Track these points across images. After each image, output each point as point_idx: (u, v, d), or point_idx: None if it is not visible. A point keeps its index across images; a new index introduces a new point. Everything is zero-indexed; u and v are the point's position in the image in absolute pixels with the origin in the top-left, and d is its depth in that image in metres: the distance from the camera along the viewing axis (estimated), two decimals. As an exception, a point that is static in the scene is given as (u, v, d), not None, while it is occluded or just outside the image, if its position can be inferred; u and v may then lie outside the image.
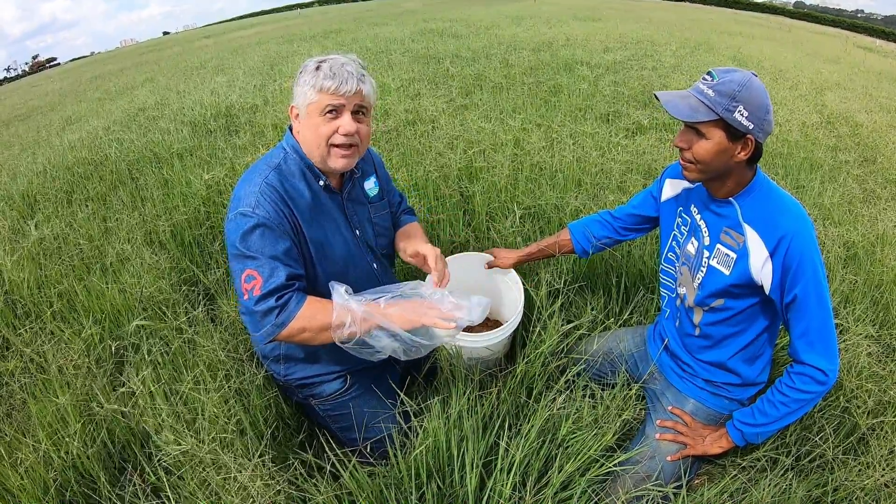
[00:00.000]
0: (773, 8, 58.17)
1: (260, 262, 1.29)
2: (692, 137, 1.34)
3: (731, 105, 1.25)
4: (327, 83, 1.34)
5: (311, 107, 1.38)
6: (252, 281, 1.28)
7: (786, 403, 1.37)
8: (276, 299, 1.27)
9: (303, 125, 1.42)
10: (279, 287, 1.28)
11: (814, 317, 1.30)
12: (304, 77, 1.38)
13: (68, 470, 1.42)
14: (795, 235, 1.27)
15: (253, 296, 1.27)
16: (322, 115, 1.37)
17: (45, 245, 2.72)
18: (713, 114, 1.27)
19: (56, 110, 9.50)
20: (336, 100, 1.36)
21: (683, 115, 1.29)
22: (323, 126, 1.38)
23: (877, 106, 7.17)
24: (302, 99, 1.39)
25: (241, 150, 4.05)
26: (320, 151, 1.41)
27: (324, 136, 1.39)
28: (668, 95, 1.34)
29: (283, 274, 1.30)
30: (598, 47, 8.84)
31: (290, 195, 1.39)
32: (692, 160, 1.36)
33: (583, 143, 3.88)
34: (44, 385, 1.69)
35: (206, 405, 1.40)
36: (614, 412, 1.59)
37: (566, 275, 2.18)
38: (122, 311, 2.05)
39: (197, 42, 20.94)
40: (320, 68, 1.36)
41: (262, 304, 1.27)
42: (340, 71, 1.35)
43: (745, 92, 1.24)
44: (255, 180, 1.36)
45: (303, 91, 1.38)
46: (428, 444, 1.37)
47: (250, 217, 1.30)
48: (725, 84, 1.26)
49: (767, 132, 1.29)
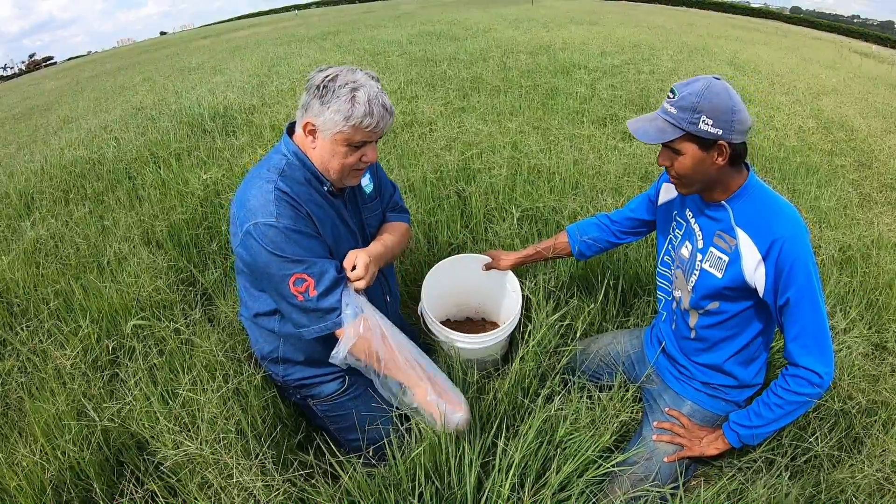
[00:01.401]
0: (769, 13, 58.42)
1: (305, 264, 1.31)
2: (671, 155, 1.36)
3: (693, 118, 1.26)
4: (366, 121, 1.30)
5: (339, 136, 1.34)
6: (303, 284, 1.31)
7: (781, 406, 1.38)
8: (340, 293, 1.34)
9: (321, 146, 1.38)
10: (336, 280, 1.34)
11: (807, 320, 1.31)
12: (336, 104, 1.30)
13: (65, 471, 1.42)
14: (788, 239, 1.27)
15: (311, 296, 1.31)
16: (348, 146, 1.36)
17: (42, 244, 2.71)
18: (679, 130, 1.29)
19: (53, 109, 9.49)
20: (369, 137, 1.35)
21: (653, 138, 1.32)
22: (349, 157, 1.37)
23: (873, 111, 7.22)
24: (330, 125, 1.32)
25: (238, 150, 4.05)
26: (339, 175, 1.41)
27: (348, 166, 1.39)
28: (636, 123, 1.37)
29: (333, 267, 1.34)
30: (596, 51, 8.87)
31: (301, 199, 1.37)
32: (676, 176, 1.39)
33: (580, 146, 3.89)
34: (41, 384, 1.69)
35: (205, 406, 1.40)
36: (612, 413, 1.60)
37: (563, 277, 2.19)
38: (119, 311, 2.04)
39: (194, 42, 20.93)
40: (356, 99, 1.29)
41: (326, 300, 1.33)
42: (377, 108, 1.31)
43: (705, 101, 1.25)
44: (266, 188, 1.32)
45: (332, 118, 1.31)
46: (426, 446, 1.37)
47: (276, 225, 1.28)
48: (685, 98, 1.27)
49: (742, 130, 1.29)
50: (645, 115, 1.38)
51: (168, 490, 1.39)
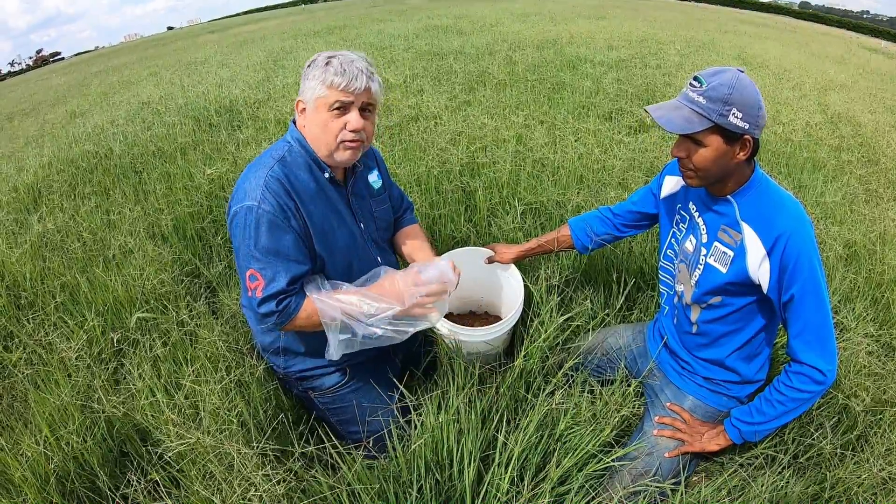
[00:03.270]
0: (778, 8, 57.89)
1: (263, 263, 1.33)
2: (690, 146, 1.32)
3: (723, 109, 1.23)
4: (337, 79, 1.34)
5: (320, 101, 1.37)
6: (255, 281, 1.33)
7: (783, 402, 1.37)
8: (276, 303, 1.33)
9: (309, 119, 1.42)
10: (280, 292, 1.34)
11: (811, 316, 1.30)
12: (313, 71, 1.37)
13: (69, 461, 1.43)
14: (793, 234, 1.26)
15: (256, 296, 1.33)
16: (330, 110, 1.37)
17: (49, 237, 2.73)
18: (708, 121, 1.25)
19: (61, 104, 9.53)
20: (345, 97, 1.36)
21: (679, 128, 1.27)
22: (331, 122, 1.38)
23: (881, 107, 7.15)
24: (310, 93, 1.38)
25: (243, 144, 4.06)
26: (327, 146, 1.41)
27: (332, 133, 1.39)
28: (659, 110, 1.32)
29: (285, 279, 1.34)
30: (603, 45, 8.82)
31: (295, 187, 1.39)
32: (692, 168, 1.34)
33: (585, 140, 3.87)
34: (46, 376, 1.70)
35: (208, 398, 1.41)
36: (613, 408, 1.59)
37: (566, 270, 2.19)
38: (124, 304, 2.06)
39: (201, 37, 20.95)
40: (330, 63, 1.35)
41: (264, 306, 1.34)
42: (350, 67, 1.35)
43: (736, 93, 1.23)
44: (260, 173, 1.36)
45: (311, 85, 1.37)
46: (426, 439, 1.38)
47: (256, 211, 1.31)
48: (715, 89, 1.24)
49: (762, 126, 1.28)
50: (667, 103, 1.34)
51: (171, 480, 1.40)
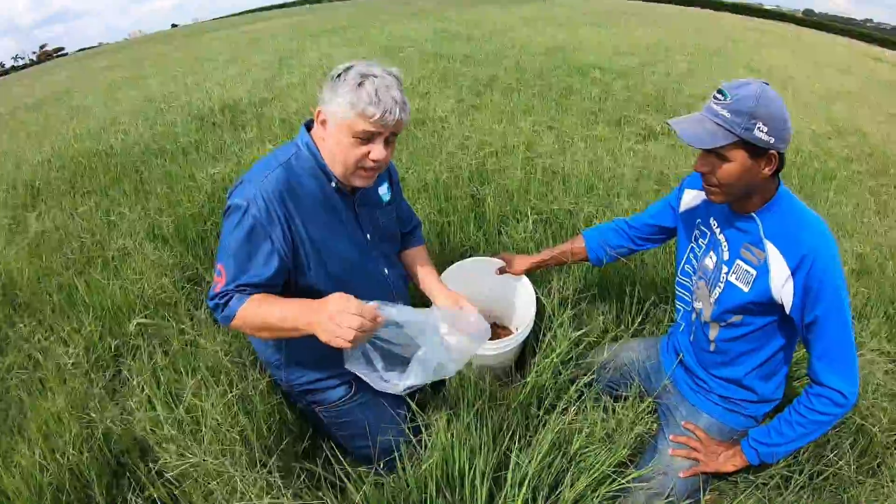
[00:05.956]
0: (782, 15, 57.94)
1: (232, 263, 1.28)
2: (714, 161, 1.28)
3: (749, 123, 1.19)
4: (370, 110, 1.24)
5: (344, 124, 1.28)
6: (219, 276, 1.29)
7: (803, 424, 1.33)
8: (220, 297, 1.28)
9: (329, 135, 1.33)
10: (229, 293, 1.28)
11: (834, 337, 1.26)
12: (343, 89, 1.25)
13: (64, 473, 1.38)
14: (819, 254, 1.22)
15: (213, 291, 1.29)
16: (354, 137, 1.29)
17: (47, 236, 2.68)
18: (732, 135, 1.21)
19: (63, 100, 9.49)
20: (375, 128, 1.28)
21: (702, 142, 1.23)
22: (353, 149, 1.30)
23: (889, 116, 7.14)
24: (336, 112, 1.28)
25: (247, 144, 4.01)
26: (344, 169, 1.34)
27: (352, 158, 1.31)
28: (682, 124, 1.28)
29: (234, 284, 1.28)
30: (611, 52, 8.81)
31: (295, 193, 1.33)
32: (717, 184, 1.30)
33: (594, 147, 3.84)
34: (40, 383, 1.65)
35: (209, 413, 1.36)
36: (627, 426, 1.55)
37: (578, 282, 2.14)
38: (122, 309, 2.00)
39: (206, 35, 20.93)
40: (363, 86, 1.24)
41: (212, 301, 1.30)
42: (385, 97, 1.25)
43: (762, 106, 1.19)
44: (260, 175, 1.31)
45: (339, 103, 1.26)
46: (436, 457, 1.33)
47: (242, 212, 1.27)
48: (740, 102, 1.20)
49: (788, 141, 1.24)
50: (690, 116, 1.30)
51: (170, 497, 1.35)
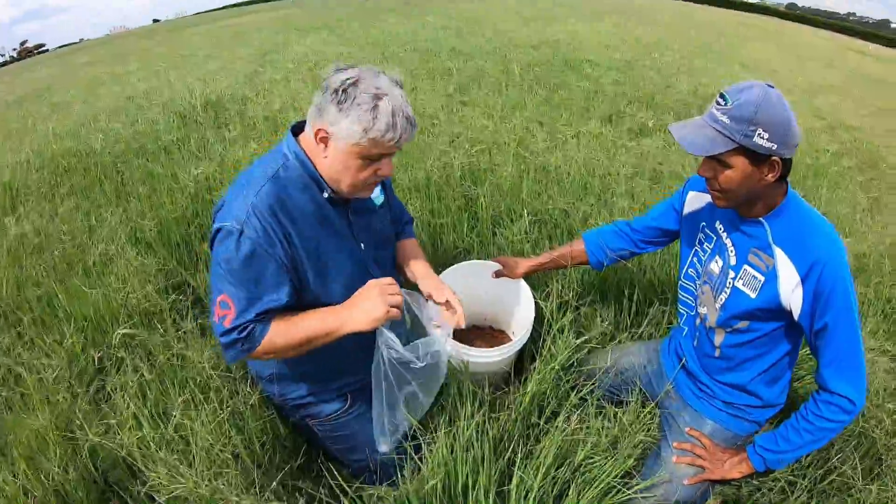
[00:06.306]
0: (765, 8, 58.36)
1: (238, 291, 1.20)
2: (715, 167, 1.25)
3: (748, 130, 1.16)
4: (388, 136, 1.17)
5: (356, 149, 1.20)
6: (226, 309, 1.20)
7: (811, 431, 1.31)
8: (238, 332, 1.20)
9: (331, 156, 1.25)
10: (246, 324, 1.21)
11: (844, 344, 1.24)
12: (353, 112, 1.16)
13: (49, 496, 1.31)
14: (829, 261, 1.20)
15: (223, 325, 1.20)
16: (362, 159, 1.22)
17: (26, 241, 2.59)
18: (731, 142, 1.18)
19: (44, 98, 9.26)
20: (388, 151, 1.22)
21: (701, 149, 1.21)
22: (362, 171, 1.24)
23: (875, 110, 7.20)
24: (346, 135, 1.19)
25: (231, 143, 3.91)
26: (350, 187, 1.28)
27: (362, 180, 1.26)
28: (682, 130, 1.25)
29: (254, 310, 1.21)
30: (603, 47, 8.78)
31: (287, 208, 1.25)
32: (719, 189, 1.28)
33: (587, 144, 3.80)
34: (22, 399, 1.58)
35: (199, 433, 1.29)
36: (630, 434, 1.52)
37: (576, 285, 2.10)
38: (105, 318, 1.92)
39: (188, 29, 20.59)
40: (379, 110, 1.16)
41: (227, 336, 1.20)
42: (402, 121, 1.19)
43: (762, 112, 1.15)
44: (248, 192, 1.22)
45: (350, 128, 1.17)
46: (436, 470, 1.29)
47: (237, 236, 1.18)
48: (740, 107, 1.17)
49: (794, 145, 1.20)
50: (691, 121, 1.27)
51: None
